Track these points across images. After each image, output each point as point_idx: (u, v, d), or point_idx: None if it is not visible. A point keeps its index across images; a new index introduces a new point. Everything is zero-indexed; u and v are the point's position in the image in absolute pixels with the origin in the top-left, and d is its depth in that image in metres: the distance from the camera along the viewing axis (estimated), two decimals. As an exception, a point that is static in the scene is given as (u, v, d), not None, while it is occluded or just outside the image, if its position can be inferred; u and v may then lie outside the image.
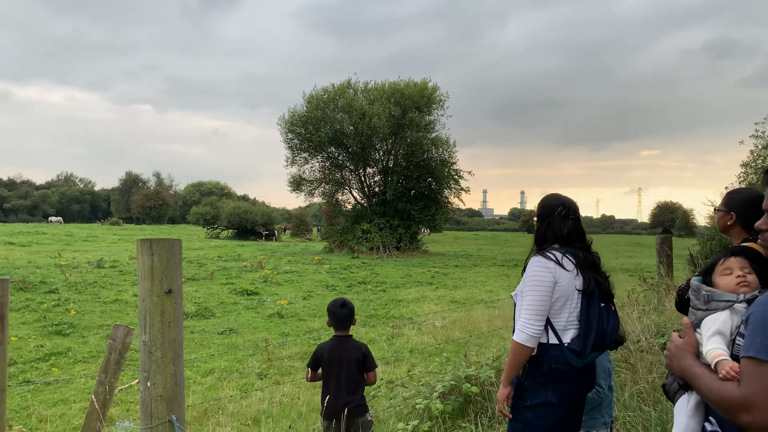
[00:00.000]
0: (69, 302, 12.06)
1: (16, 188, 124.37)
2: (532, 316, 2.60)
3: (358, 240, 30.72)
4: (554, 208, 2.78)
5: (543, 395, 2.64)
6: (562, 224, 2.74)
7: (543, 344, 2.65)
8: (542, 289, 2.61)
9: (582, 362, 2.61)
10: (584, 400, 2.82)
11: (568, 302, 2.63)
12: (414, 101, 32.12)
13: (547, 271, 2.62)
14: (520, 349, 2.62)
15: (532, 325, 2.59)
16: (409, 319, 11.05)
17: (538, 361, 2.65)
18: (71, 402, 6.40)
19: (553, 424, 2.65)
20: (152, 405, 2.68)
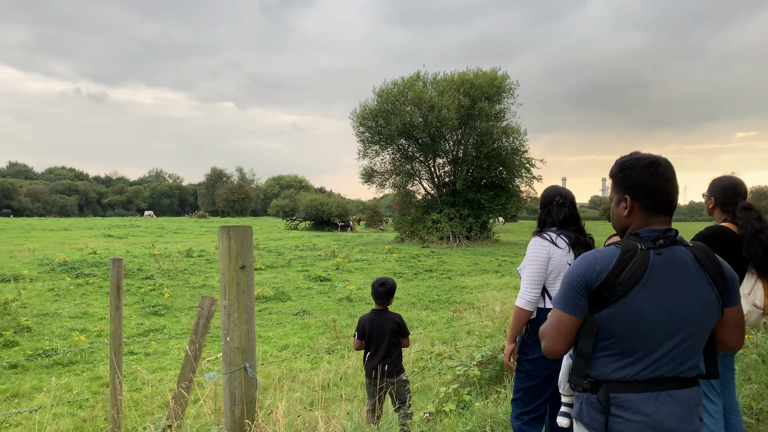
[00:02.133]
0: (163, 287, 13.46)
1: (112, 185, 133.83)
2: (529, 285, 3.17)
3: (428, 230, 31.29)
4: (553, 198, 3.34)
5: (541, 350, 3.20)
6: (559, 211, 3.30)
7: (541, 308, 3.22)
8: (538, 263, 3.18)
9: None
10: None
11: (560, 274, 3.18)
12: (483, 91, 32.19)
13: (542, 249, 3.19)
14: (520, 312, 3.20)
15: (530, 293, 3.17)
16: (470, 305, 11.57)
17: (538, 323, 3.22)
18: (168, 369, 7.44)
19: (550, 374, 3.21)
20: (231, 355, 3.45)
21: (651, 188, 1.92)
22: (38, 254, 20.48)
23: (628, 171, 1.95)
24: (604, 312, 1.85)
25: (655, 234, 1.89)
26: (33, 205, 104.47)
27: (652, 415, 1.82)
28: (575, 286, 1.90)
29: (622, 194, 1.97)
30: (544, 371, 3.23)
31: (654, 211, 1.93)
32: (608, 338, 1.87)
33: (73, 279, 14.34)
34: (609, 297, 1.83)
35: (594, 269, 1.87)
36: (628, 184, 1.94)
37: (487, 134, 31.74)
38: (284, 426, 3.38)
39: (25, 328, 9.21)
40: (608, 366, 1.88)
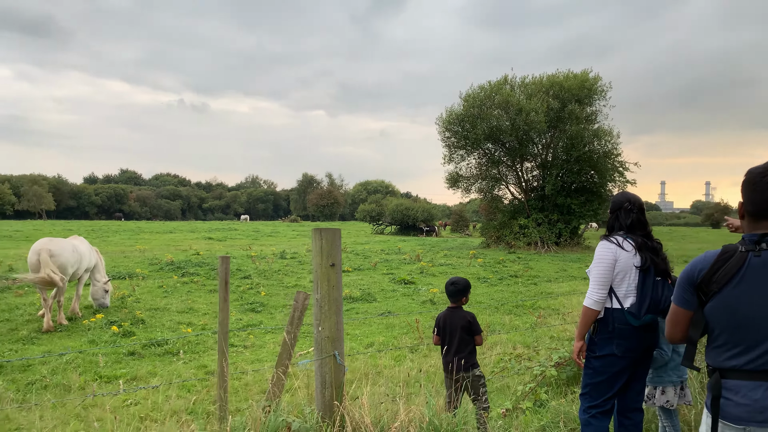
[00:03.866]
0: (259, 286, 14.37)
1: (212, 190, 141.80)
2: (597, 286, 3.35)
3: (515, 235, 30.90)
4: (621, 204, 3.51)
5: (609, 348, 3.38)
6: (626, 216, 3.46)
7: (608, 308, 3.38)
8: (604, 265, 3.35)
9: (638, 322, 3.30)
10: (649, 356, 3.48)
11: (627, 276, 3.34)
12: (574, 93, 31.40)
13: (609, 252, 3.36)
14: (588, 312, 3.39)
15: (597, 293, 3.35)
16: (555, 310, 11.51)
17: (605, 322, 3.39)
18: (264, 361, 8.05)
19: (616, 371, 3.37)
20: (322, 343, 3.85)
21: (753, 196, 2.15)
22: (148, 254, 22.33)
23: (744, 178, 2.21)
24: (708, 305, 2.18)
25: (756, 237, 2.12)
26: (141, 209, 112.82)
27: (760, 400, 2.06)
28: (683, 283, 2.27)
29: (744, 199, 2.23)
30: (611, 368, 3.39)
31: (758, 217, 2.15)
32: (715, 329, 2.18)
33: (179, 277, 15.60)
34: (708, 292, 2.16)
35: (696, 267, 2.22)
36: (742, 191, 2.21)
37: (577, 137, 30.90)
38: (368, 410, 3.73)
39: (139, 320, 10.23)
40: (720, 355, 2.17)
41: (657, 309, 3.34)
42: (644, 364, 3.52)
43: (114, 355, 8.06)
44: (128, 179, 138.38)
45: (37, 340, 9.04)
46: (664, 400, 3.89)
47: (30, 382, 6.86)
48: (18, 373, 7.20)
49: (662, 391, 3.90)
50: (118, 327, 9.47)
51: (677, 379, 3.83)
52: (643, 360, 3.49)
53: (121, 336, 9.16)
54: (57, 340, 9.04)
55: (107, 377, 7.15)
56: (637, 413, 3.60)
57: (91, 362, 7.69)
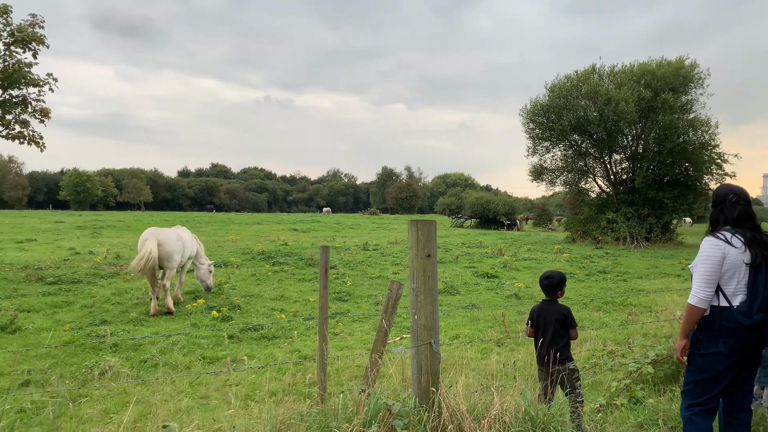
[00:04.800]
0: (345, 276, 14.77)
1: (296, 183, 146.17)
2: (702, 283, 3.25)
3: (603, 230, 29.83)
4: (726, 196, 3.36)
5: (714, 346, 3.28)
6: (732, 209, 3.32)
7: (715, 306, 3.28)
8: (711, 262, 3.24)
9: (749, 321, 3.18)
10: (758, 355, 3.34)
11: (736, 273, 3.21)
12: (667, 82, 29.79)
13: (717, 248, 3.25)
14: (693, 310, 3.30)
15: (703, 291, 3.25)
16: (647, 308, 11.09)
17: (711, 320, 3.29)
18: (353, 348, 8.32)
19: (721, 370, 3.27)
20: (418, 331, 3.98)
21: None
22: (240, 245, 23.43)
23: None
24: None
25: None
26: (230, 202, 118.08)
27: None
28: None
29: None
30: (716, 366, 3.29)
31: None
32: None
33: (270, 266, 16.31)
34: None
35: None
36: None
37: (671, 128, 29.30)
38: (464, 397, 3.82)
39: (236, 306, 10.82)
40: None
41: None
42: (753, 363, 3.39)
43: (215, 338, 8.60)
44: (218, 173, 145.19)
45: (145, 321, 9.79)
46: None
47: (142, 360, 7.46)
48: (131, 352, 7.85)
49: None
50: (217, 312, 10.07)
51: (789, 379, 3.66)
52: (751, 359, 3.36)
53: (220, 320, 9.74)
54: (163, 322, 9.75)
55: (209, 358, 7.66)
56: (744, 413, 3.47)
57: (194, 344, 8.24)
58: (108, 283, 13.27)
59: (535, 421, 3.56)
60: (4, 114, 14.92)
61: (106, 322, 9.59)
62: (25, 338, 8.49)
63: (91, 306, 10.68)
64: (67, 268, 14.97)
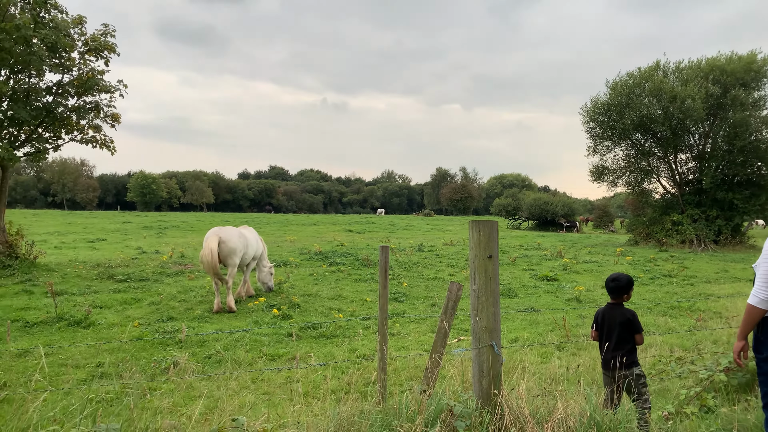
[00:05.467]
0: (401, 277, 14.82)
1: (350, 185, 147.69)
2: (764, 283, 3.11)
3: (668, 232, 28.71)
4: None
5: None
6: None
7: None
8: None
9: None
10: None
11: None
12: (738, 77, 28.38)
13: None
14: (753, 310, 3.17)
15: (765, 290, 3.12)
16: (716, 313, 10.62)
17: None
18: (410, 349, 8.35)
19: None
20: (479, 333, 3.96)
21: None
22: (297, 245, 23.89)
23: None
24: None
25: None
26: (288, 203, 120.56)
27: None
28: None
29: None
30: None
31: None
32: None
33: (327, 266, 16.56)
34: None
35: None
36: None
37: (742, 125, 27.87)
38: (526, 401, 3.78)
39: (295, 304, 11.05)
40: None
41: None
42: None
43: (275, 335, 8.82)
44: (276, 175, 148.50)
45: (209, 318, 10.13)
46: None
47: (207, 355, 7.73)
48: (196, 347, 8.15)
49: None
50: (277, 310, 10.32)
51: None
52: None
53: (281, 318, 9.97)
54: (225, 320, 10.07)
55: (271, 355, 7.86)
56: None
57: (256, 341, 8.48)
58: (173, 281, 13.80)
59: (600, 427, 3.48)
60: (79, 119, 15.75)
61: (173, 318, 9.98)
62: (98, 333, 8.95)
63: (158, 303, 11.14)
64: (135, 267, 15.67)
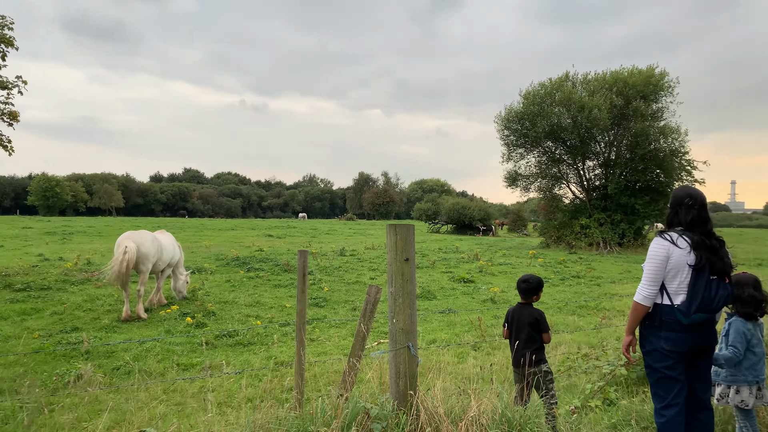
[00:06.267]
0: (322, 282, 14.72)
1: (271, 189, 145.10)
2: (647, 282, 3.37)
3: (576, 235, 30.27)
4: (682, 199, 3.46)
5: (656, 343, 3.40)
6: (687, 213, 3.41)
7: (658, 304, 3.41)
8: (657, 261, 3.36)
9: (687, 320, 3.31)
10: (705, 354, 3.44)
11: (679, 273, 3.32)
12: (638, 90, 30.45)
13: (662, 248, 3.36)
14: (637, 307, 3.44)
15: (647, 288, 3.38)
16: (620, 312, 11.27)
17: (653, 316, 3.42)
18: (330, 354, 8.30)
19: (669, 366, 3.40)
20: (396, 335, 3.99)
21: None
22: (213, 250, 23.18)
23: None
24: None
25: None
26: (204, 207, 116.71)
27: None
28: None
29: None
30: (662, 363, 3.41)
31: None
32: None
33: (245, 273, 16.17)
34: None
35: None
36: None
37: (642, 135, 29.93)
38: (441, 400, 3.84)
39: (210, 312, 10.70)
40: None
41: (709, 308, 3.30)
42: (702, 363, 3.48)
43: (189, 344, 8.50)
44: (191, 178, 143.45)
45: (118, 328, 9.62)
46: (739, 399, 3.84)
47: (115, 367, 7.33)
48: (104, 359, 7.71)
49: (736, 391, 3.85)
50: (191, 318, 9.95)
51: (753, 378, 3.76)
52: (699, 359, 3.46)
53: (195, 327, 9.62)
54: (136, 329, 9.60)
55: (184, 365, 7.56)
56: (704, 413, 3.55)
57: (168, 350, 8.13)
58: (79, 289, 13.00)
59: (511, 423, 3.59)
60: (-29, 117, 14.55)
61: (78, 329, 9.40)
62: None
63: (62, 313, 10.45)
64: (36, 275, 14.63)
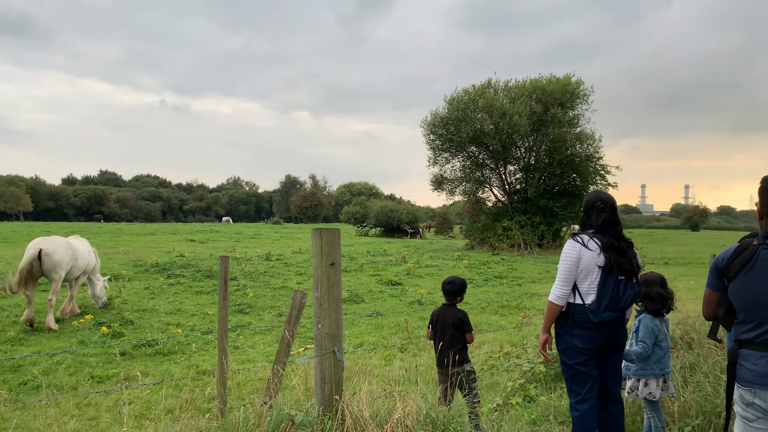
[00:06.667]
0: (246, 288, 14.39)
1: (193, 192, 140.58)
2: (560, 282, 3.55)
3: (499, 237, 31.24)
4: (594, 203, 3.65)
5: (570, 341, 3.58)
6: (598, 216, 3.60)
7: (571, 303, 3.59)
8: (569, 263, 3.54)
9: (597, 318, 3.50)
10: (616, 351, 3.65)
11: (590, 274, 3.51)
12: (556, 97, 31.88)
13: (574, 250, 3.55)
14: (551, 306, 3.60)
15: (560, 289, 3.55)
16: (539, 310, 11.71)
17: (567, 315, 3.59)
18: (255, 361, 8.12)
19: (582, 362, 3.59)
20: (322, 340, 3.96)
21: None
22: (132, 256, 22.17)
23: (761, 185, 2.62)
24: (729, 288, 2.66)
25: (765, 233, 2.56)
26: (121, 211, 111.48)
27: (764, 367, 2.50)
28: (712, 270, 2.80)
29: (759, 203, 2.64)
30: (575, 359, 3.59)
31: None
32: (737, 308, 2.64)
33: (165, 279, 15.56)
34: (728, 278, 2.64)
35: (720, 257, 2.72)
36: (760, 195, 2.63)
37: (560, 141, 31.36)
38: (367, 404, 3.84)
39: (128, 321, 10.22)
40: (738, 330, 2.64)
41: (617, 307, 3.50)
42: (613, 359, 3.68)
43: (105, 355, 8.07)
44: (108, 180, 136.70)
45: (26, 341, 9.00)
46: (647, 392, 4.08)
47: (22, 382, 6.86)
48: (9, 374, 7.19)
49: (645, 384, 4.09)
50: (107, 328, 9.47)
51: (659, 372, 4.02)
52: (610, 355, 3.65)
53: (111, 337, 9.16)
54: (45, 341, 9.01)
55: (99, 377, 7.18)
56: (615, 406, 3.75)
57: (81, 363, 7.69)
58: (-20, 300, 12.06)
59: (435, 423, 3.65)
60: None
61: (-22, 343, 8.72)
62: None
63: (-40, 326, 9.66)
64: (-70, 285, 13.45)
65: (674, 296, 4.33)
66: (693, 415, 4.28)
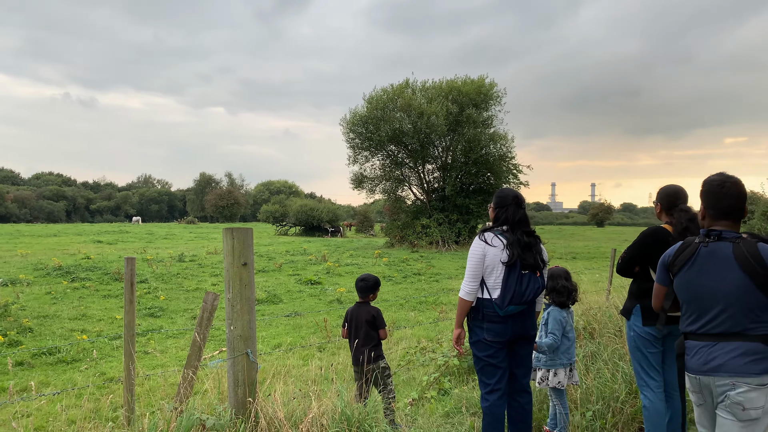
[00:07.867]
0: (158, 290, 13.83)
1: (100, 190, 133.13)
2: (468, 279, 3.69)
3: (418, 235, 31.77)
4: (508, 199, 3.79)
5: (480, 334, 3.72)
6: (515, 212, 3.75)
7: (480, 298, 3.73)
8: (475, 260, 3.69)
9: (503, 312, 3.65)
10: (525, 343, 3.83)
11: (494, 270, 3.67)
12: (471, 98, 32.80)
13: (479, 248, 3.70)
14: (461, 302, 3.74)
15: (468, 285, 3.68)
16: (455, 306, 12.03)
17: (476, 309, 3.73)
18: (167, 366, 7.84)
19: (491, 355, 3.74)
20: (234, 342, 3.88)
21: (714, 201, 2.72)
22: (31, 259, 20.71)
23: (703, 187, 2.78)
24: (674, 282, 2.85)
25: (705, 231, 2.74)
26: (20, 211, 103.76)
27: (705, 356, 2.66)
28: (660, 265, 2.99)
29: (701, 204, 2.82)
30: (485, 352, 3.73)
31: (715, 217, 2.74)
32: (682, 301, 2.82)
33: (69, 283, 14.66)
34: (674, 272, 2.83)
35: (668, 254, 2.91)
36: (702, 197, 2.80)
37: (474, 141, 32.30)
38: (282, 404, 3.81)
39: (27, 328, 9.56)
40: (684, 322, 2.80)
41: (520, 300, 3.66)
42: (521, 350, 3.86)
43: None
44: (4, 178, 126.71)
45: None
46: (556, 381, 4.31)
47: None
48: None
49: (554, 374, 4.31)
50: (3, 336, 8.80)
51: (567, 361, 4.25)
52: (518, 347, 3.83)
53: (7, 345, 8.53)
54: (-71, 353, 8.26)
55: (-8, 390, 6.68)
56: (523, 395, 3.92)
57: (-28, 375, 7.12)
58: None
59: (350, 420, 3.67)
60: None
61: None
62: None
63: None
64: None
65: (578, 288, 4.58)
66: (594, 401, 4.55)
